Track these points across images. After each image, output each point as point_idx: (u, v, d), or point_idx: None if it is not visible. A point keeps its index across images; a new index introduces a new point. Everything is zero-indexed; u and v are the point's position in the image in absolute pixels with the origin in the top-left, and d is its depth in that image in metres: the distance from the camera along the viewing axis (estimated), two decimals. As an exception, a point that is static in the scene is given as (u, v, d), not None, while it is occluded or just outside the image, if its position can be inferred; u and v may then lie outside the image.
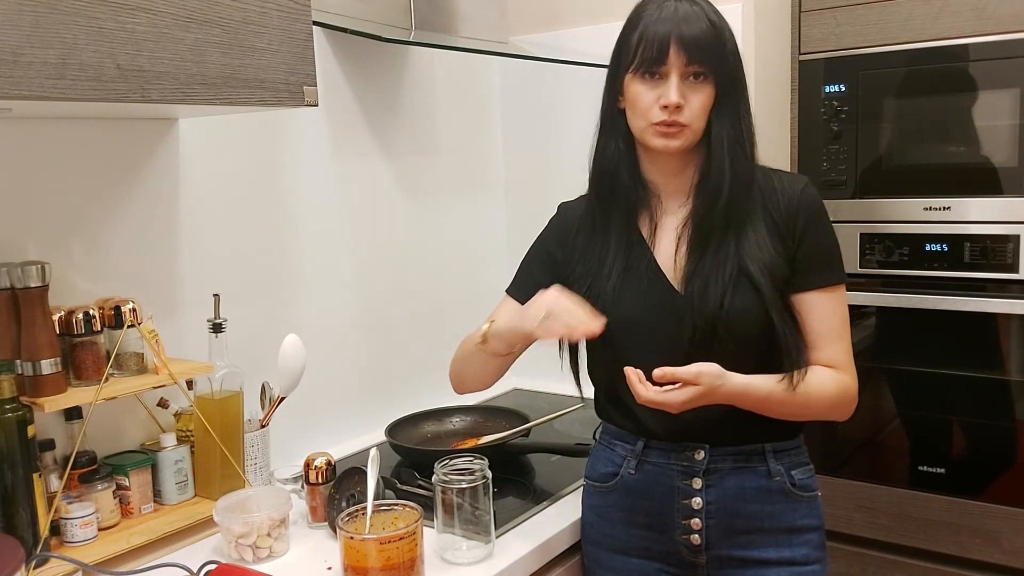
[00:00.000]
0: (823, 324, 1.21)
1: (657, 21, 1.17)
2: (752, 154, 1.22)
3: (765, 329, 1.18)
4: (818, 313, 1.21)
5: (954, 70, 1.70)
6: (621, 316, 1.23)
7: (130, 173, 1.40)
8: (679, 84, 1.17)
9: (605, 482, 1.31)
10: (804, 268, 1.21)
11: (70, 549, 1.23)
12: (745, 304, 1.18)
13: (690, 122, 1.18)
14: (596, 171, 1.29)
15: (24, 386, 1.20)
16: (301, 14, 1.24)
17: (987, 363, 1.75)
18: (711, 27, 1.16)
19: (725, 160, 1.19)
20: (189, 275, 1.49)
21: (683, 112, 1.17)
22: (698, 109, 1.18)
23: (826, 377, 1.21)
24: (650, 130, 1.20)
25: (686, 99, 1.17)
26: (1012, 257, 1.67)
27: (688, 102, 1.17)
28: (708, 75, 1.17)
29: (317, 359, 1.65)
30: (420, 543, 1.15)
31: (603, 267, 1.26)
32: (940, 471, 1.80)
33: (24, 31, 0.92)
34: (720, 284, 1.18)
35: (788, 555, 1.24)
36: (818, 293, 1.21)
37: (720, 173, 1.19)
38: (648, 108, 1.19)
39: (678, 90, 1.16)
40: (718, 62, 1.17)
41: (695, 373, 1.12)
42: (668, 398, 1.12)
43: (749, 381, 1.16)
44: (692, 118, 1.18)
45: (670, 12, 1.17)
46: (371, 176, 1.85)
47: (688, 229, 1.23)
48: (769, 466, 1.24)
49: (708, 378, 1.12)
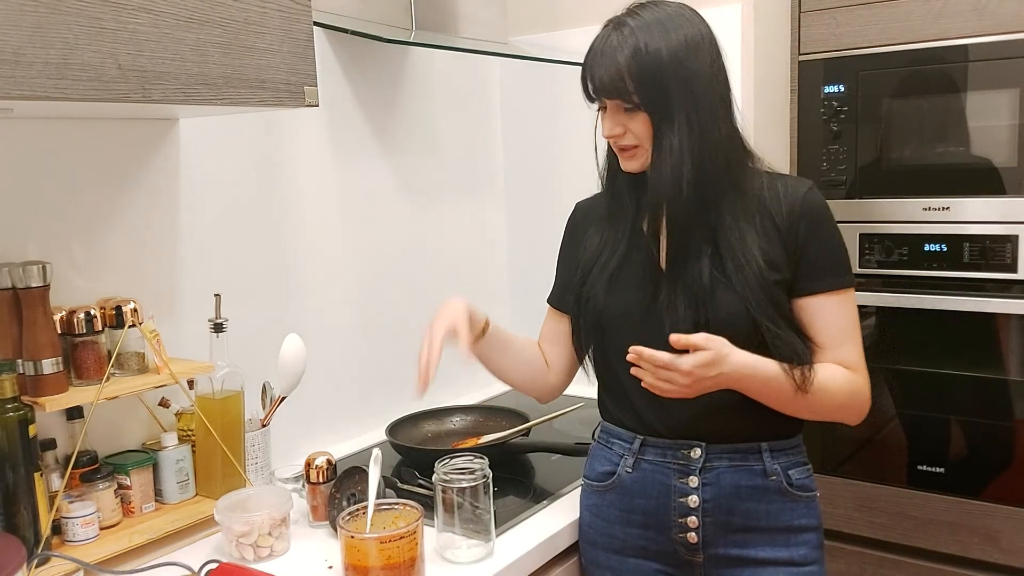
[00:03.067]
0: (831, 327, 1.21)
1: (587, 58, 1.20)
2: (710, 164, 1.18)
3: (750, 331, 1.18)
4: (826, 317, 1.21)
5: (954, 70, 1.70)
6: (612, 306, 1.26)
7: (131, 173, 1.41)
8: (612, 116, 1.21)
9: (602, 481, 1.32)
10: (809, 272, 1.21)
11: (71, 548, 1.23)
12: (727, 309, 1.18)
13: (639, 143, 1.20)
14: (607, 169, 1.33)
15: (25, 385, 1.20)
16: (301, 14, 1.24)
17: (986, 363, 1.75)
18: (621, 65, 1.15)
19: (659, 183, 1.19)
20: (190, 275, 1.49)
21: (626, 137, 1.21)
22: (640, 132, 1.20)
23: (838, 373, 1.21)
24: (612, 151, 1.26)
25: (626, 127, 1.20)
26: (1011, 257, 1.67)
27: (629, 127, 1.20)
28: (636, 106, 1.18)
29: (318, 359, 1.65)
30: (420, 542, 1.15)
31: (600, 258, 1.30)
32: (939, 470, 1.80)
33: (25, 31, 0.93)
34: (694, 296, 1.19)
35: (786, 555, 1.24)
36: (825, 297, 1.21)
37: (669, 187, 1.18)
38: (603, 135, 1.24)
39: (612, 122, 1.21)
40: (637, 95, 1.16)
41: (704, 337, 1.11)
42: (680, 361, 1.11)
43: (756, 359, 1.16)
44: (639, 140, 1.20)
45: (592, 48, 1.20)
46: (371, 176, 1.85)
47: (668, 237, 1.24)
48: (765, 465, 1.24)
49: (717, 343, 1.12)
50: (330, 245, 1.76)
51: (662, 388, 1.14)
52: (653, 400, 1.22)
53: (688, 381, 1.12)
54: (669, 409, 1.23)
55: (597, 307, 1.28)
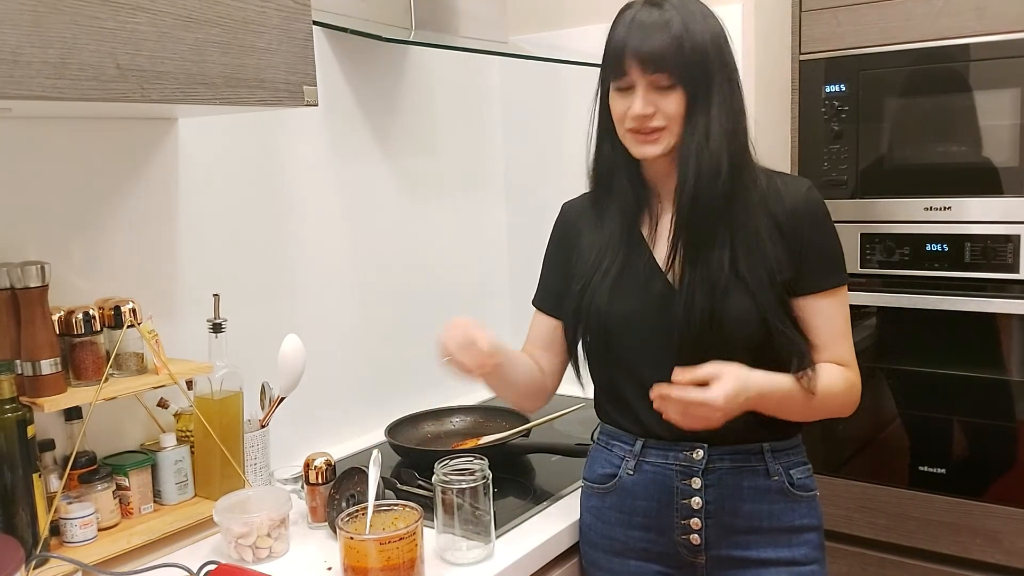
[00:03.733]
0: (828, 326, 1.22)
1: (620, 32, 1.17)
2: (738, 155, 1.19)
3: (760, 334, 1.18)
4: (823, 316, 1.22)
5: (955, 70, 1.70)
6: (617, 313, 1.24)
7: (130, 173, 1.40)
8: (645, 95, 1.16)
9: (603, 483, 1.31)
10: (809, 272, 1.21)
11: (70, 549, 1.23)
12: (740, 310, 1.17)
13: (666, 125, 1.17)
14: (595, 172, 1.30)
15: (24, 386, 1.20)
16: (301, 14, 1.24)
17: (987, 363, 1.74)
18: (672, 36, 1.14)
19: (690, 166, 1.17)
20: (189, 275, 1.49)
21: (656, 118, 1.17)
22: (672, 113, 1.17)
23: (835, 374, 1.22)
24: (628, 137, 1.21)
25: (657, 106, 1.17)
26: (1012, 257, 1.67)
27: (660, 108, 1.17)
28: (675, 84, 1.16)
29: (317, 359, 1.65)
30: (420, 543, 1.15)
31: (601, 264, 1.26)
32: (940, 471, 1.80)
33: (24, 30, 0.92)
34: (712, 293, 1.17)
35: (787, 555, 1.24)
36: (823, 296, 1.22)
37: (695, 177, 1.17)
38: (622, 117, 1.20)
39: (644, 101, 1.16)
40: (684, 70, 1.15)
41: (713, 367, 1.10)
42: (711, 397, 1.08)
43: (770, 376, 1.15)
44: (668, 122, 1.17)
45: (632, 22, 1.16)
46: (371, 176, 1.84)
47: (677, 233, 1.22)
48: (768, 466, 1.24)
49: (730, 369, 1.10)
50: (329, 245, 1.76)
51: (691, 424, 1.11)
52: (651, 404, 1.21)
53: (721, 414, 1.10)
54: None
55: (601, 316, 1.25)
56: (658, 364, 1.18)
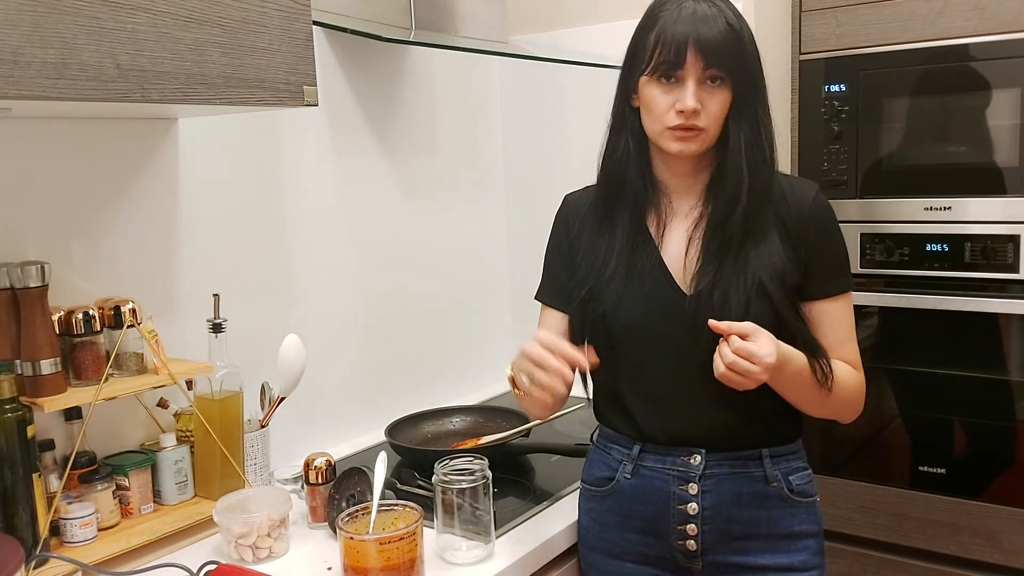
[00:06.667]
0: (834, 330, 1.22)
1: (675, 22, 1.13)
2: (772, 159, 1.20)
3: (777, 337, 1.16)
4: (830, 320, 1.21)
5: (955, 70, 1.70)
6: (624, 317, 1.21)
7: (130, 173, 1.40)
8: (695, 88, 1.14)
9: (601, 486, 1.30)
10: (816, 277, 1.20)
11: (70, 549, 1.23)
12: (760, 315, 1.15)
13: (707, 126, 1.15)
14: (605, 169, 1.27)
15: (24, 386, 1.20)
16: (301, 14, 1.24)
17: (987, 363, 1.75)
18: (729, 29, 1.13)
19: (743, 166, 1.16)
20: (189, 275, 1.49)
21: (700, 116, 1.14)
22: (715, 113, 1.15)
23: (847, 369, 1.22)
24: (666, 134, 1.17)
25: (703, 103, 1.14)
26: (1013, 257, 1.67)
27: (705, 106, 1.14)
28: (725, 79, 1.14)
29: (317, 359, 1.65)
30: (420, 543, 1.15)
31: (607, 266, 1.24)
32: (940, 471, 1.80)
33: (24, 31, 0.92)
34: (741, 295, 1.15)
35: (786, 561, 1.23)
36: (832, 300, 1.22)
37: (737, 180, 1.16)
38: (664, 112, 1.16)
39: (695, 95, 1.14)
40: (736, 66, 1.14)
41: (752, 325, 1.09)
42: (758, 345, 1.07)
43: (788, 347, 1.14)
44: (709, 122, 1.15)
45: (688, 13, 1.13)
46: (371, 176, 1.84)
47: (702, 233, 1.20)
48: (766, 471, 1.22)
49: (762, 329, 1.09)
50: (329, 245, 1.76)
51: (734, 380, 1.09)
52: (651, 409, 1.21)
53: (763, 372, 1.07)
54: (668, 417, 1.22)
55: (608, 319, 1.22)
56: (662, 370, 1.17)
